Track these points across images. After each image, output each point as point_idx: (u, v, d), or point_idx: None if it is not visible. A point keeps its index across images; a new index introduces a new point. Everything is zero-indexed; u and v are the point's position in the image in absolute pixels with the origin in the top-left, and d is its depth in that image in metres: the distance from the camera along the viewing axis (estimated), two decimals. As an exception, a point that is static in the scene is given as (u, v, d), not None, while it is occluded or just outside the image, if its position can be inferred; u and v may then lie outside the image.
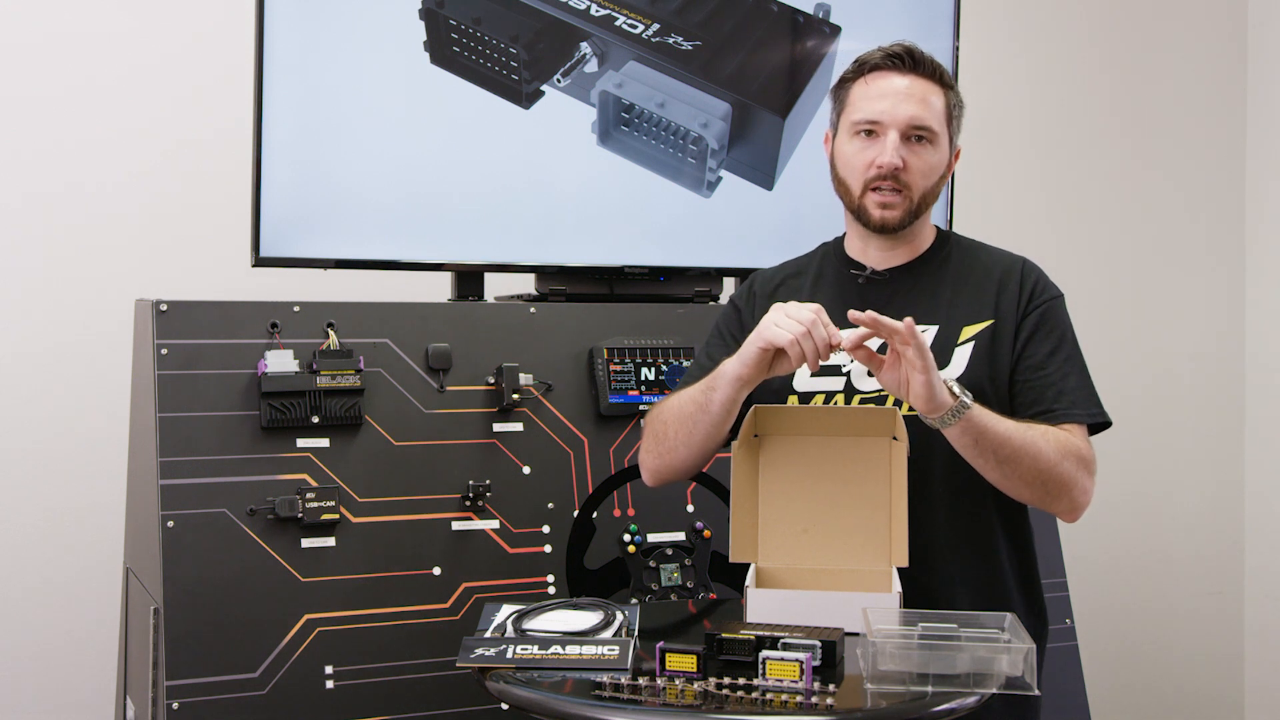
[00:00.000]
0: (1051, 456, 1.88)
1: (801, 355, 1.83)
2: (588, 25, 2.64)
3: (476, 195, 2.61)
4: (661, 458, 2.04)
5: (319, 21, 2.47)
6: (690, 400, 1.98)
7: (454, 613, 2.33)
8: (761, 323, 1.87)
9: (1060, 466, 1.89)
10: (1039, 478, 1.89)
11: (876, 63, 2.01)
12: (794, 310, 1.85)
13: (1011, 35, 3.80)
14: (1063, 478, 1.90)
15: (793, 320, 1.83)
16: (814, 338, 1.82)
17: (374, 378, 2.37)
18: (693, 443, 1.98)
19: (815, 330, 1.82)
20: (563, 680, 1.69)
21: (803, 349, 1.82)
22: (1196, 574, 3.98)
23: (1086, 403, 1.97)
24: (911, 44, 2.02)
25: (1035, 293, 2.02)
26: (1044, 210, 3.82)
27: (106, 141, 2.95)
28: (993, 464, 1.88)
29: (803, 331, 1.82)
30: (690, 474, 2.07)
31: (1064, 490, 1.91)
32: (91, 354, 2.90)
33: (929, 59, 2.01)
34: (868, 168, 1.99)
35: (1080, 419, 1.96)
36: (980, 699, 1.61)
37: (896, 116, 1.97)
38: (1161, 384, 3.92)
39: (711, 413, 1.94)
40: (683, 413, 1.98)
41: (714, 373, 1.94)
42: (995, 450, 1.86)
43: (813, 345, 1.82)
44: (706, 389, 1.95)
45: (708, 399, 1.94)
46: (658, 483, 2.09)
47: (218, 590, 2.20)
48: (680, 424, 1.99)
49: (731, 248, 2.80)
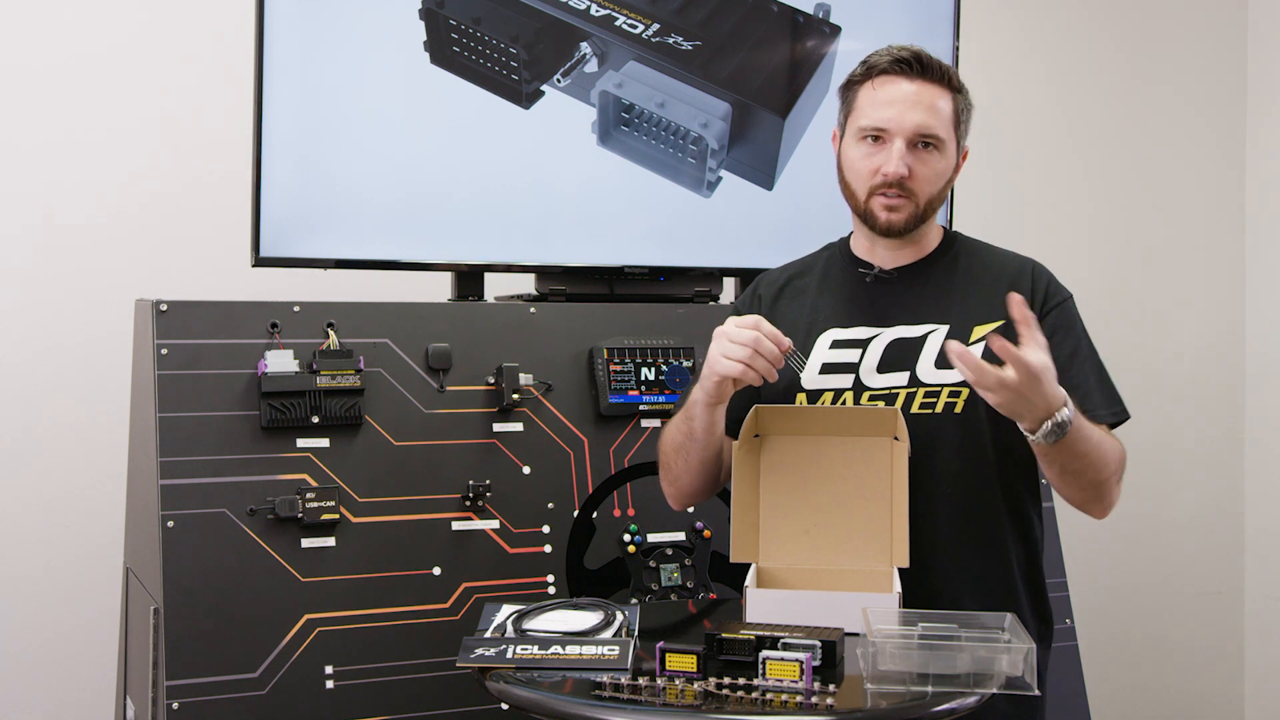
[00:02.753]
0: (1111, 464, 1.90)
1: (758, 376, 1.85)
2: (588, 25, 2.64)
3: (476, 195, 2.61)
4: (675, 484, 2.08)
5: (319, 21, 2.47)
6: (677, 430, 2.02)
7: (454, 613, 2.33)
8: (710, 353, 1.89)
9: (1113, 472, 1.91)
10: (1092, 485, 1.90)
11: (884, 67, 1.99)
12: (735, 334, 1.86)
13: (1011, 35, 3.80)
14: (1109, 481, 1.92)
15: (736, 345, 1.85)
16: (762, 353, 1.84)
17: (374, 378, 2.37)
18: (692, 468, 2.02)
19: (761, 346, 1.84)
20: (563, 680, 1.69)
21: (756, 369, 1.85)
22: (1196, 574, 3.98)
23: (1112, 402, 1.98)
24: (919, 48, 2.00)
25: (1048, 296, 2.02)
26: (1043, 210, 3.82)
27: (106, 141, 2.95)
28: (1058, 471, 1.88)
29: (749, 354, 1.84)
30: (712, 492, 2.09)
31: (1106, 493, 1.93)
32: (91, 354, 2.90)
33: (937, 63, 2.00)
34: (873, 174, 1.98)
35: (1108, 419, 1.96)
36: (980, 699, 1.61)
37: (903, 124, 1.96)
38: (1162, 384, 3.92)
39: (698, 439, 1.98)
40: (675, 443, 2.03)
41: (687, 401, 1.99)
42: (1066, 463, 1.86)
43: (764, 363, 1.85)
44: (685, 418, 1.99)
45: (690, 428, 1.98)
46: (682, 507, 2.14)
47: (217, 590, 2.20)
48: (677, 454, 2.03)
49: (731, 248, 2.80)
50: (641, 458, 2.51)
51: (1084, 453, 1.85)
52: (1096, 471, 1.88)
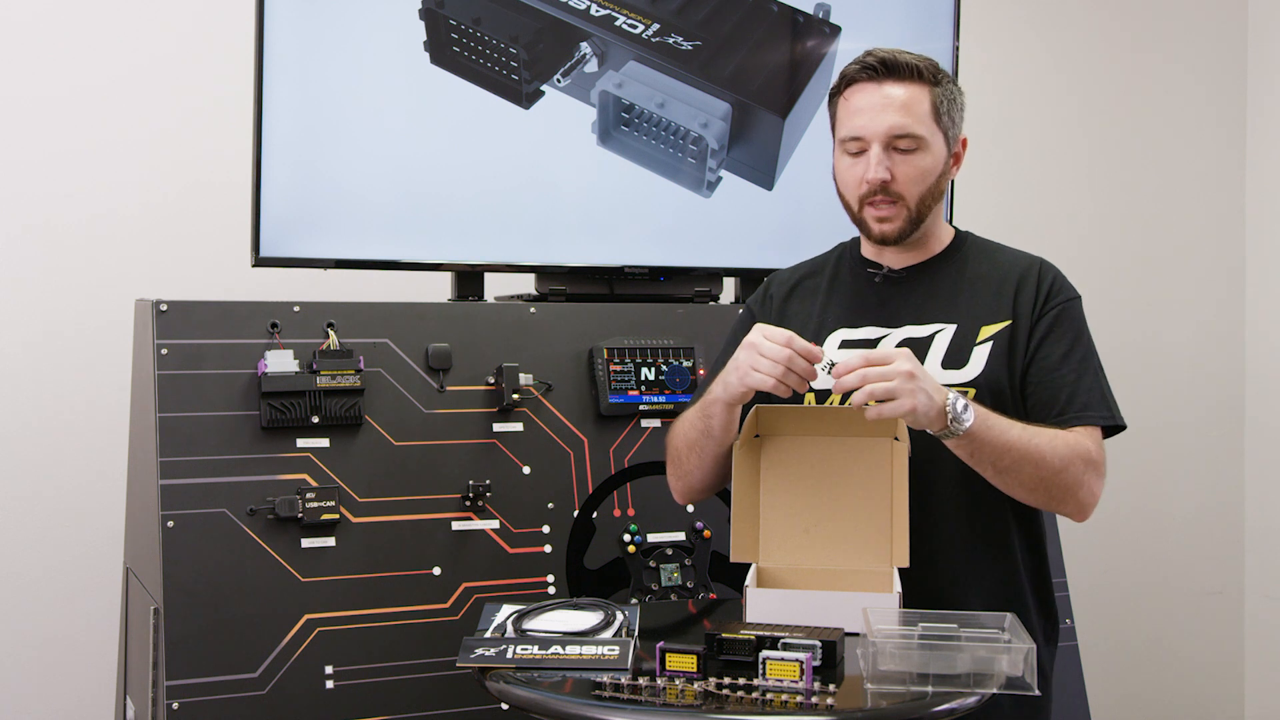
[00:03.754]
0: (1055, 463, 1.87)
1: (790, 389, 1.84)
2: (588, 25, 2.64)
3: (476, 195, 2.61)
4: (683, 479, 2.07)
5: (319, 21, 2.47)
6: (692, 426, 2.01)
7: (454, 613, 2.33)
8: (740, 361, 1.87)
9: (1066, 472, 1.88)
10: (1040, 484, 1.89)
11: (852, 76, 2.00)
12: (768, 349, 1.84)
13: (1011, 35, 3.80)
14: (1067, 483, 1.89)
15: (769, 360, 1.83)
16: (795, 370, 1.83)
17: (374, 378, 2.37)
18: (705, 464, 2.02)
19: (794, 364, 1.83)
20: (563, 680, 1.69)
21: (788, 385, 1.84)
22: (1196, 574, 3.98)
23: (1100, 405, 1.96)
24: (890, 51, 1.99)
25: (1051, 293, 2.01)
26: (1043, 210, 3.82)
27: (106, 142, 2.94)
28: (991, 473, 1.89)
29: (782, 371, 1.83)
30: (717, 488, 2.09)
31: (1069, 494, 1.91)
32: (91, 354, 2.90)
33: (905, 61, 1.97)
34: (859, 183, 1.99)
35: (1092, 421, 1.94)
36: (980, 699, 1.61)
37: (876, 129, 1.95)
38: (1162, 383, 3.92)
39: (714, 436, 1.97)
40: (689, 438, 2.02)
41: (706, 399, 1.97)
42: (994, 461, 1.86)
43: (796, 377, 1.84)
44: (703, 415, 1.97)
45: (707, 425, 1.97)
46: (688, 502, 2.14)
47: (217, 590, 2.20)
48: (689, 448, 2.02)
49: (731, 248, 2.80)
50: (641, 458, 2.51)
51: (1007, 445, 1.84)
52: (1036, 467, 1.87)
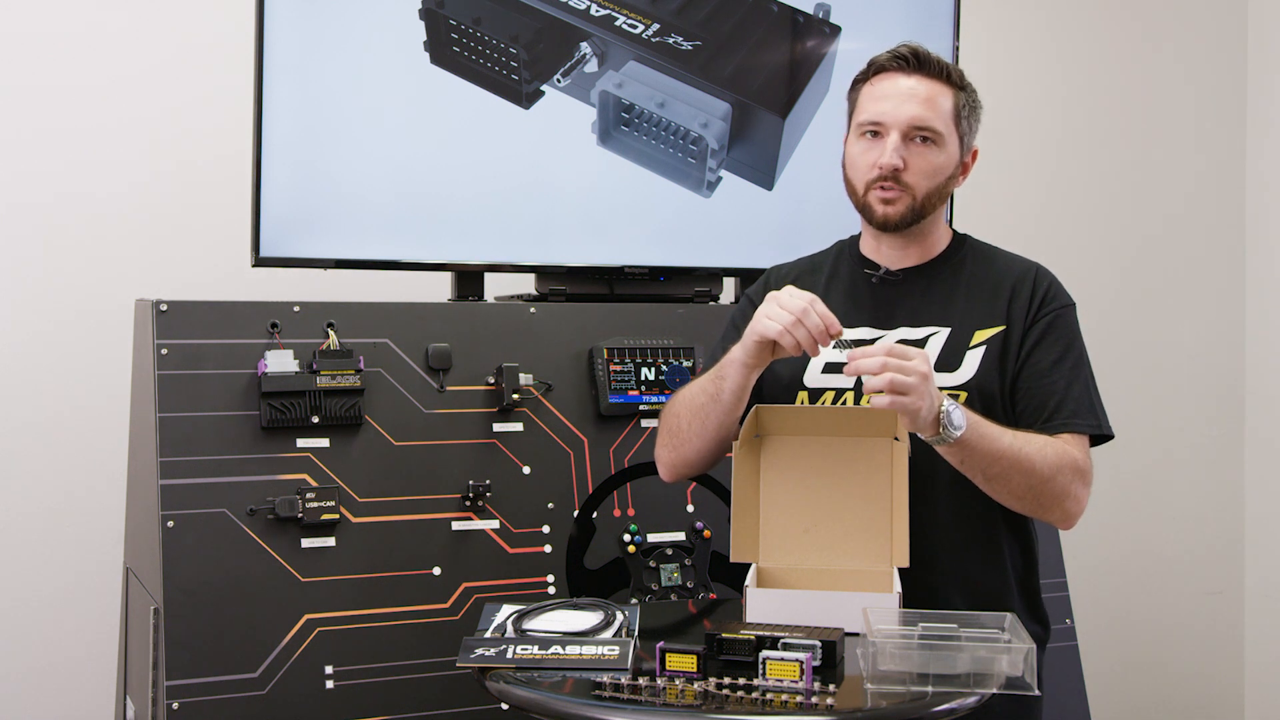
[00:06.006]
0: (1044, 471, 1.88)
1: (795, 344, 1.83)
2: (588, 25, 2.64)
3: (476, 195, 2.61)
4: (676, 450, 2.04)
5: (319, 21, 2.47)
6: (701, 391, 1.99)
7: (454, 613, 2.33)
8: (757, 312, 1.87)
9: (1054, 480, 1.89)
10: (1029, 492, 1.89)
11: (883, 64, 2.02)
12: (786, 300, 1.84)
13: (1011, 35, 3.80)
14: (1054, 491, 1.90)
15: (784, 311, 1.83)
16: (806, 325, 1.82)
17: (374, 378, 2.37)
18: (706, 433, 1.99)
19: (807, 319, 1.82)
20: (563, 680, 1.69)
21: (795, 338, 1.82)
22: (1196, 574, 3.98)
23: (1088, 413, 1.96)
24: (918, 45, 2.02)
25: (1046, 300, 2.02)
26: (1042, 211, 3.82)
27: (106, 142, 2.94)
28: (980, 479, 1.89)
29: (793, 321, 1.82)
30: (706, 467, 2.07)
31: (1055, 502, 1.92)
32: (91, 354, 2.90)
33: (936, 59, 2.01)
34: (870, 168, 1.99)
35: (1080, 429, 1.95)
36: (980, 699, 1.61)
37: (898, 117, 1.97)
38: (1162, 384, 3.92)
39: (723, 401, 1.94)
40: (694, 404, 1.99)
41: (721, 361, 1.96)
42: (984, 469, 1.87)
43: (805, 333, 1.82)
44: (716, 378, 1.96)
45: (718, 388, 1.95)
46: (674, 477, 2.10)
47: (217, 590, 2.20)
48: (693, 415, 2.00)
49: (731, 248, 2.80)
50: (642, 458, 2.51)
51: (998, 453, 1.85)
52: (1025, 475, 1.87)
